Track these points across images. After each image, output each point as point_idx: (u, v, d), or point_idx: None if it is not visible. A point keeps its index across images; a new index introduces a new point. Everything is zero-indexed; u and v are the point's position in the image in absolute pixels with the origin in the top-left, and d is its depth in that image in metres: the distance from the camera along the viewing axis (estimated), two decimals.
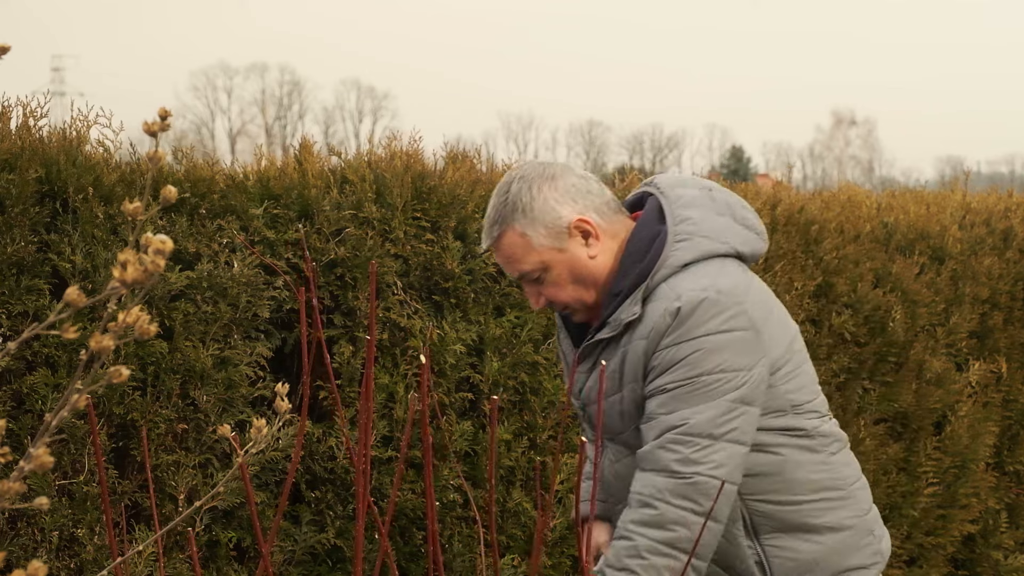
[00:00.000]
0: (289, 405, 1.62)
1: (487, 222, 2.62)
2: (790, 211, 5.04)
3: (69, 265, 3.29)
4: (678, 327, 2.49)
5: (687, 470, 2.45)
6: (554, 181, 2.58)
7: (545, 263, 2.58)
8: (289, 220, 3.70)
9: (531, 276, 2.60)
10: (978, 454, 5.43)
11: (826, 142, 70.75)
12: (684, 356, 2.48)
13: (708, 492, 2.45)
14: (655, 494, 2.46)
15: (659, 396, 2.51)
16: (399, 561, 3.84)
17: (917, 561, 5.34)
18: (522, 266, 2.59)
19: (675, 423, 2.47)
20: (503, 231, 2.58)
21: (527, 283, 2.63)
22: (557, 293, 2.61)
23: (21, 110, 3.37)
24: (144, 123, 1.25)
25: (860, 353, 5.09)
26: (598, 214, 2.60)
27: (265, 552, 1.71)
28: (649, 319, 2.53)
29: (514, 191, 2.58)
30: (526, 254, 2.58)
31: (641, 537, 2.46)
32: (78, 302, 1.08)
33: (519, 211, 2.57)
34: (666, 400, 2.49)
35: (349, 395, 3.74)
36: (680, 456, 2.46)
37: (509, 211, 2.58)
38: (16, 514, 3.24)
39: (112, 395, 3.33)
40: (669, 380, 2.49)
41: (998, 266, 5.74)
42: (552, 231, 2.57)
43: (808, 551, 2.65)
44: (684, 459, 2.46)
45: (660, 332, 2.50)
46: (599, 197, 2.62)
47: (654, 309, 2.53)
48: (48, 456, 1.10)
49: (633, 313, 2.54)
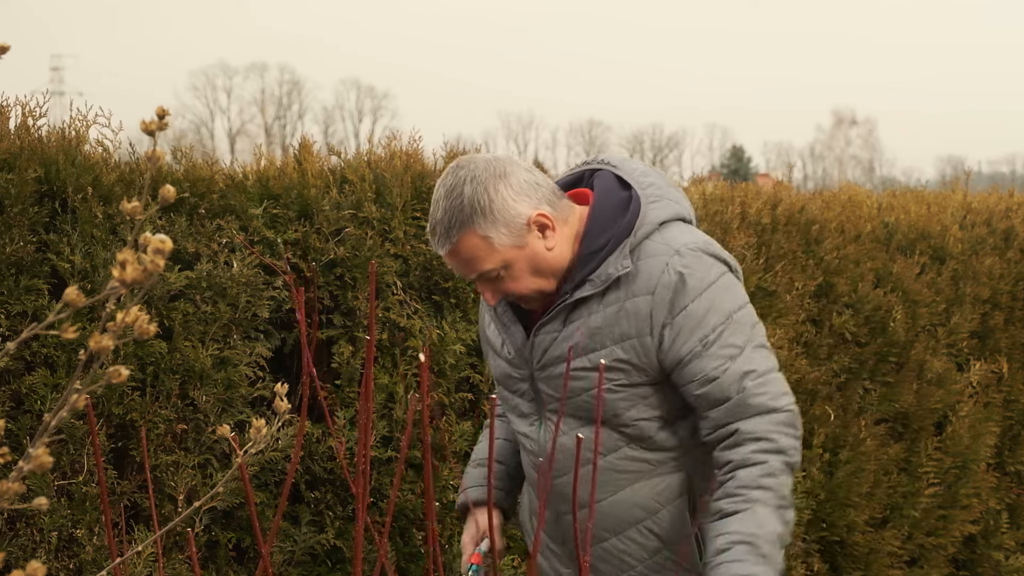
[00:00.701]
0: (288, 405, 1.61)
1: (440, 226, 2.56)
2: (791, 211, 5.04)
3: (68, 265, 3.28)
4: (685, 283, 2.53)
5: (781, 404, 2.56)
6: (507, 179, 2.56)
7: (506, 261, 2.57)
8: (288, 220, 3.69)
9: (490, 275, 2.59)
10: (979, 454, 5.42)
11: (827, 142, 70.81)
12: (709, 306, 2.54)
13: (798, 418, 2.59)
14: (769, 429, 2.54)
15: (704, 351, 2.54)
16: (399, 562, 3.83)
17: (918, 561, 5.33)
18: (483, 267, 2.57)
19: (744, 368, 2.54)
20: (462, 235, 2.54)
21: (484, 281, 2.62)
22: (516, 287, 2.60)
23: (20, 110, 3.37)
24: (142, 122, 1.24)
25: (861, 353, 5.08)
26: (550, 205, 2.60)
27: (265, 553, 1.70)
28: (648, 274, 2.54)
29: (469, 194, 2.54)
30: (488, 255, 2.56)
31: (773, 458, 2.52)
32: (77, 302, 1.08)
33: (478, 213, 2.53)
34: (715, 351, 2.54)
35: (349, 395, 3.74)
36: (770, 394, 2.55)
37: (467, 214, 2.53)
38: (15, 514, 3.24)
39: (111, 395, 3.32)
40: (707, 331, 2.54)
41: (999, 266, 5.73)
42: (513, 229, 2.55)
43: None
44: (774, 395, 2.55)
45: (669, 287, 2.53)
46: (546, 187, 2.62)
47: (651, 265, 2.55)
48: (47, 456, 1.10)
49: (624, 267, 2.55)
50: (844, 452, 4.92)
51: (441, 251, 2.59)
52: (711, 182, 5.29)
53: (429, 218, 2.60)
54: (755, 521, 2.51)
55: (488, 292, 2.63)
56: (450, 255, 2.58)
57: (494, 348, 2.81)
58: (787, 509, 2.55)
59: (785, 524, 2.54)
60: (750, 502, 2.51)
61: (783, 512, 2.53)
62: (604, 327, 2.57)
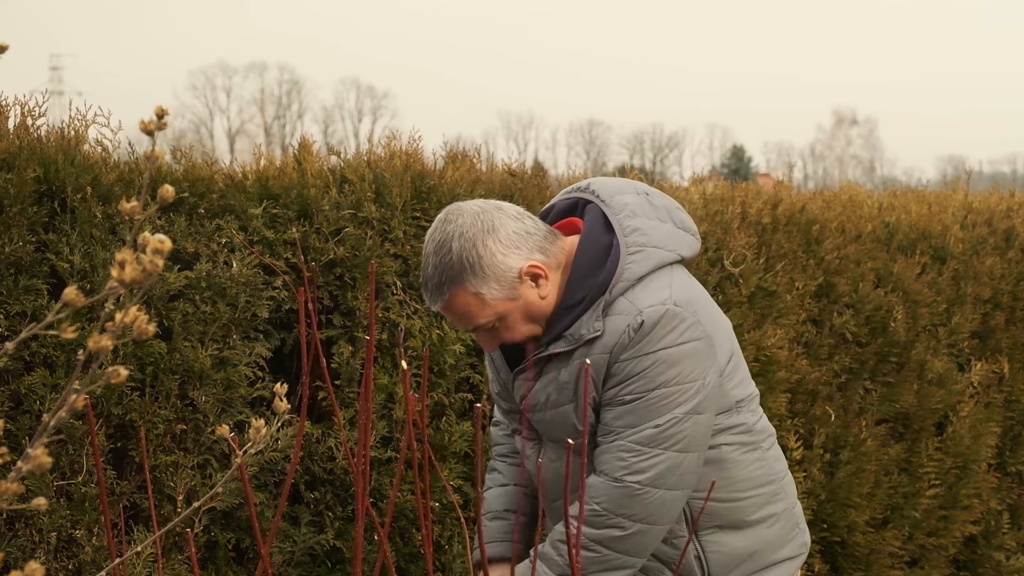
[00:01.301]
0: (288, 405, 1.60)
1: (431, 282, 2.56)
2: (791, 211, 5.03)
3: (67, 265, 3.28)
4: (639, 340, 2.53)
5: (630, 479, 2.54)
6: (496, 233, 2.54)
7: (500, 313, 2.58)
8: (288, 220, 3.69)
9: (485, 327, 2.60)
10: (980, 455, 5.42)
11: (827, 142, 70.83)
12: (643, 369, 2.53)
13: (644, 499, 2.55)
14: (595, 495, 2.56)
15: (615, 407, 2.56)
16: (399, 562, 3.82)
17: (919, 562, 5.32)
18: (477, 321, 2.58)
19: (626, 433, 2.55)
20: (453, 292, 2.55)
21: (481, 332, 2.63)
22: (511, 336, 2.62)
23: (19, 109, 3.36)
24: (141, 122, 1.24)
25: (861, 353, 5.07)
26: (542, 253, 2.59)
27: (264, 553, 1.69)
28: (611, 334, 2.55)
29: (457, 250, 2.52)
30: (481, 311, 2.56)
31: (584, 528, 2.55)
32: (76, 302, 1.07)
33: (467, 271, 2.53)
34: (621, 412, 2.55)
35: (348, 395, 3.73)
36: (625, 464, 2.54)
37: (457, 272, 2.53)
38: (14, 515, 3.23)
39: (110, 395, 3.31)
40: (626, 392, 2.54)
41: (1000, 266, 5.72)
42: (504, 283, 2.55)
43: (743, 545, 2.72)
44: (628, 467, 2.54)
45: (622, 346, 2.54)
46: (538, 234, 2.60)
47: (615, 323, 2.55)
48: (46, 457, 1.09)
49: (596, 330, 2.56)
50: (845, 452, 4.91)
51: (434, 307, 2.60)
52: (711, 182, 5.28)
53: (420, 272, 2.59)
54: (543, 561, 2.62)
55: (485, 342, 2.65)
56: (444, 310, 2.59)
57: (490, 375, 2.87)
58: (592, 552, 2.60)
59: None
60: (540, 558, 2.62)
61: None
62: (571, 382, 2.61)
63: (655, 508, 2.56)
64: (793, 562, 2.82)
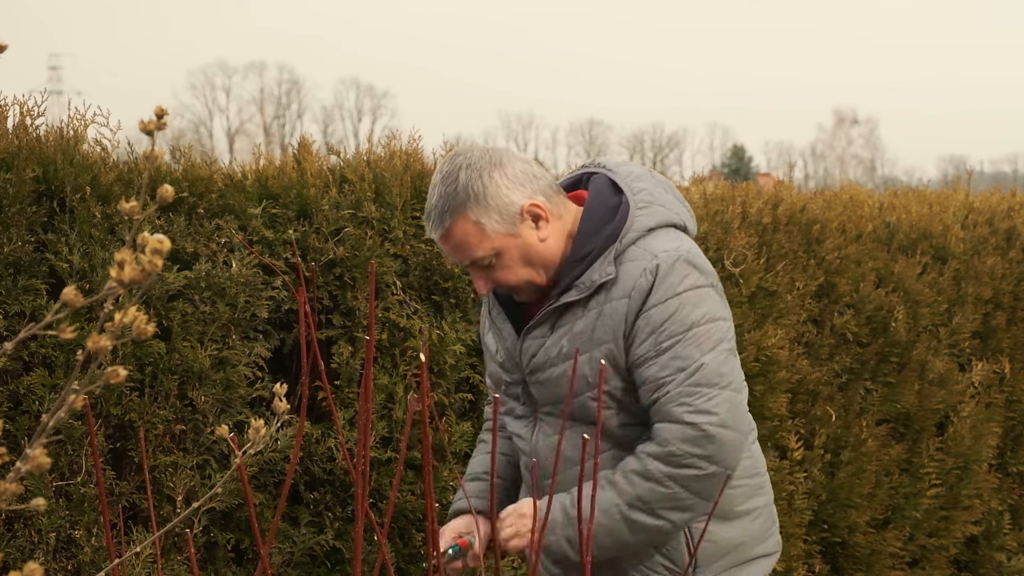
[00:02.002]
0: (287, 406, 1.59)
1: (434, 211, 2.60)
2: (792, 211, 5.02)
3: (66, 265, 3.27)
4: (660, 286, 2.55)
5: (701, 420, 2.53)
6: (503, 167, 2.60)
7: (497, 249, 2.60)
8: (288, 220, 3.68)
9: (482, 262, 2.62)
10: (981, 455, 5.41)
11: (828, 141, 70.84)
12: (671, 313, 2.55)
13: (718, 440, 2.54)
14: (669, 439, 2.54)
15: (657, 359, 2.56)
16: (398, 563, 3.82)
17: (920, 563, 5.32)
18: (475, 253, 2.60)
19: (679, 378, 2.54)
20: (455, 220, 2.58)
21: (476, 269, 2.65)
22: (507, 276, 2.63)
23: (18, 109, 3.36)
24: (140, 122, 1.23)
25: (862, 353, 5.07)
26: (545, 197, 2.64)
27: (264, 554, 1.69)
28: (627, 279, 2.57)
29: (463, 179, 2.58)
30: (480, 241, 2.59)
31: (652, 462, 2.55)
32: (75, 302, 1.07)
33: (471, 199, 2.57)
34: (664, 361, 2.55)
35: (348, 396, 3.72)
36: (692, 407, 2.53)
37: (461, 200, 2.57)
38: (13, 515, 3.22)
39: (110, 396, 3.30)
40: (662, 339, 2.55)
41: (1001, 266, 5.72)
42: (505, 217, 2.59)
43: (729, 536, 2.73)
44: (696, 409, 2.53)
45: (643, 291, 2.55)
46: (543, 180, 2.65)
47: (631, 269, 2.58)
48: (45, 457, 1.09)
49: (608, 273, 2.58)
50: (845, 453, 4.91)
51: (435, 235, 2.63)
52: (712, 182, 5.28)
53: (426, 202, 2.63)
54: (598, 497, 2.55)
55: (480, 280, 2.65)
56: (443, 239, 2.62)
57: (489, 352, 2.86)
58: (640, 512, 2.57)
59: (618, 522, 2.57)
60: (606, 484, 2.58)
61: (629, 511, 2.57)
62: (585, 332, 2.61)
63: (728, 450, 2.55)
64: (770, 559, 2.83)
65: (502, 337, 2.79)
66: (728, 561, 2.74)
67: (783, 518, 4.59)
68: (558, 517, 2.58)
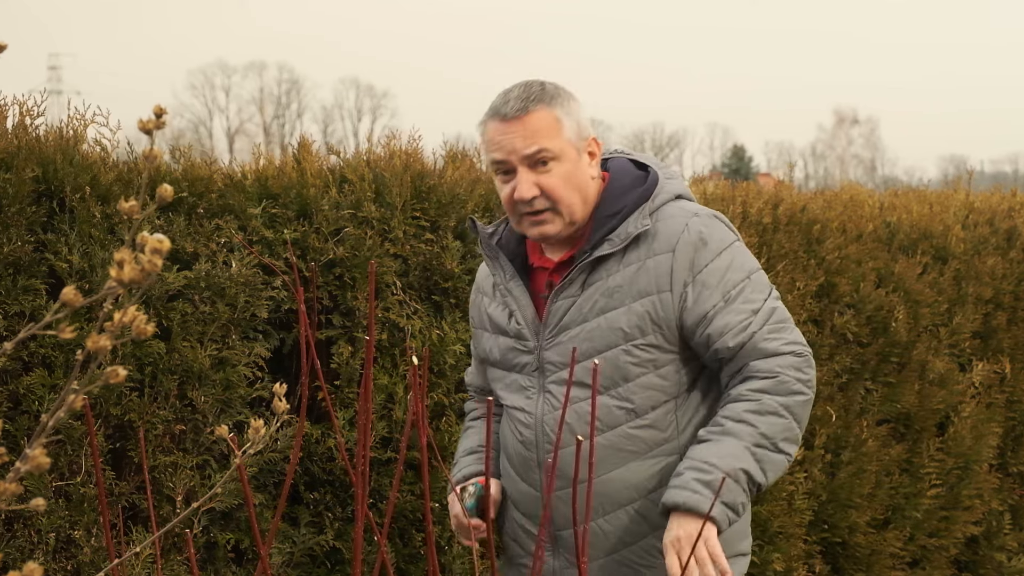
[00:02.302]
0: (287, 406, 1.59)
1: (515, 99, 2.64)
2: (792, 210, 5.02)
3: (66, 265, 3.27)
4: (710, 240, 2.64)
5: (796, 348, 2.64)
6: (578, 102, 2.70)
7: (563, 152, 2.63)
8: (287, 220, 3.68)
9: (541, 158, 2.62)
10: (981, 455, 5.41)
11: (828, 141, 70.78)
12: (729, 263, 2.64)
13: (811, 364, 2.66)
14: (774, 368, 2.61)
15: (729, 305, 2.62)
16: (398, 563, 3.81)
17: (920, 563, 5.31)
18: (544, 142, 2.61)
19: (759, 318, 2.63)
20: (538, 107, 2.62)
21: (529, 167, 2.64)
22: (557, 185, 2.63)
23: (18, 109, 3.35)
24: (139, 121, 1.23)
25: (862, 354, 5.06)
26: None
27: (263, 554, 1.68)
28: (669, 234, 2.64)
29: (551, 86, 2.66)
30: (553, 135, 2.63)
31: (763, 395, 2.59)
32: (75, 302, 1.07)
33: (559, 100, 2.64)
34: (738, 306, 2.63)
35: (348, 396, 3.72)
36: (782, 339, 2.63)
37: (549, 95, 2.64)
38: (13, 515, 3.22)
39: (109, 396, 3.30)
40: (730, 288, 2.63)
41: (1001, 266, 5.72)
42: (578, 133, 2.65)
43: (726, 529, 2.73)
44: (785, 340, 2.63)
45: (690, 246, 2.62)
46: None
47: (670, 225, 2.64)
48: (45, 457, 1.09)
49: (644, 225, 2.63)
50: (846, 453, 4.90)
51: (508, 118, 2.63)
52: (712, 181, 5.28)
53: (496, 100, 2.67)
54: (717, 451, 2.56)
55: (526, 183, 2.64)
56: (516, 121, 2.63)
57: (497, 325, 2.82)
58: (769, 451, 2.58)
59: (758, 462, 2.57)
60: (724, 433, 2.58)
61: (761, 451, 2.57)
62: (624, 285, 2.64)
63: (814, 376, 2.66)
64: (746, 559, 2.84)
65: (518, 304, 2.77)
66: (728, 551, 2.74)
67: (783, 518, 4.58)
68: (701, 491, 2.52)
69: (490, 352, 2.86)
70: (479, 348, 2.93)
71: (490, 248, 2.82)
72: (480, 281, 2.92)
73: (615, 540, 2.70)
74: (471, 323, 2.98)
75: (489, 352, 2.86)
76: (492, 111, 2.66)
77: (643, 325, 2.63)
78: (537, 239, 2.73)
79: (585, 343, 2.67)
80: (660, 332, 2.64)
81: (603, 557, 2.71)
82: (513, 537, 2.87)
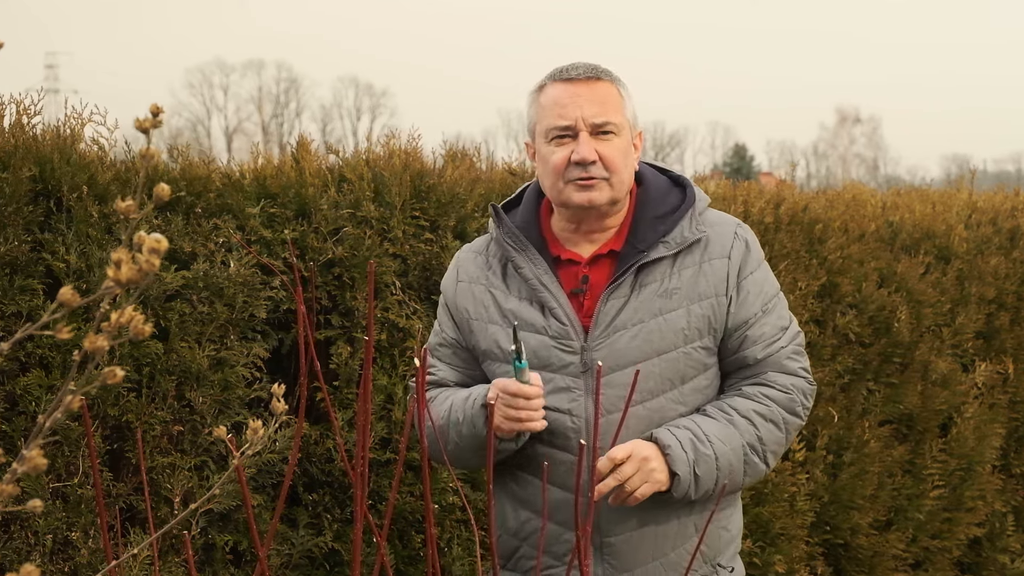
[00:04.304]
0: (286, 406, 1.57)
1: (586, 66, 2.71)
2: (794, 210, 5.01)
3: (63, 265, 3.25)
4: (753, 250, 2.75)
5: (808, 378, 2.79)
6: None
7: (622, 129, 2.68)
8: (286, 219, 3.66)
9: (606, 128, 2.66)
10: (984, 456, 5.40)
11: (830, 140, 70.87)
12: (765, 276, 2.77)
13: (813, 396, 2.82)
14: (789, 385, 2.73)
15: (765, 317, 2.73)
16: (397, 565, 3.80)
17: (923, 564, 5.30)
18: (610, 114, 2.67)
19: (787, 335, 2.76)
20: (607, 81, 2.71)
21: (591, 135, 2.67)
22: (616, 156, 2.68)
23: (14, 107, 3.34)
24: (136, 120, 1.22)
25: (865, 354, 5.05)
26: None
27: (262, 556, 1.67)
28: (722, 239, 2.73)
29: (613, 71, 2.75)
30: (616, 108, 2.69)
31: (774, 405, 2.71)
32: (72, 302, 1.06)
33: (622, 83, 2.74)
34: (772, 320, 2.74)
35: (347, 396, 3.71)
36: (800, 364, 2.78)
37: (615, 77, 2.73)
38: (9, 517, 3.20)
39: (107, 396, 3.29)
40: (766, 299, 2.74)
41: (1004, 266, 5.71)
42: (633, 119, 2.74)
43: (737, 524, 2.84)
44: (804, 367, 2.78)
45: (741, 253, 2.73)
46: None
47: (721, 232, 2.74)
48: (42, 458, 1.10)
49: (701, 231, 2.72)
50: (848, 454, 4.89)
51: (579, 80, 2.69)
52: (713, 181, 5.26)
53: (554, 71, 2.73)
54: (719, 431, 2.65)
55: (587, 146, 2.66)
56: (584, 85, 2.69)
57: (526, 321, 2.70)
58: (757, 456, 2.69)
59: (739, 460, 2.67)
60: (729, 422, 2.68)
61: (751, 455, 2.68)
62: (683, 288, 2.69)
63: (809, 410, 2.81)
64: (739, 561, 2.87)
65: (558, 301, 2.68)
66: (734, 548, 2.84)
67: (785, 519, 4.57)
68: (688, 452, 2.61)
69: (496, 346, 2.74)
70: (477, 341, 2.78)
71: (517, 240, 2.75)
72: (474, 272, 2.81)
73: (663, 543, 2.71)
74: (459, 315, 2.82)
75: (492, 347, 2.75)
76: (554, 75, 2.72)
77: (701, 327, 2.68)
78: (580, 206, 2.67)
79: (642, 344, 2.66)
80: (713, 335, 2.70)
81: (651, 561, 2.72)
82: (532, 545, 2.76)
